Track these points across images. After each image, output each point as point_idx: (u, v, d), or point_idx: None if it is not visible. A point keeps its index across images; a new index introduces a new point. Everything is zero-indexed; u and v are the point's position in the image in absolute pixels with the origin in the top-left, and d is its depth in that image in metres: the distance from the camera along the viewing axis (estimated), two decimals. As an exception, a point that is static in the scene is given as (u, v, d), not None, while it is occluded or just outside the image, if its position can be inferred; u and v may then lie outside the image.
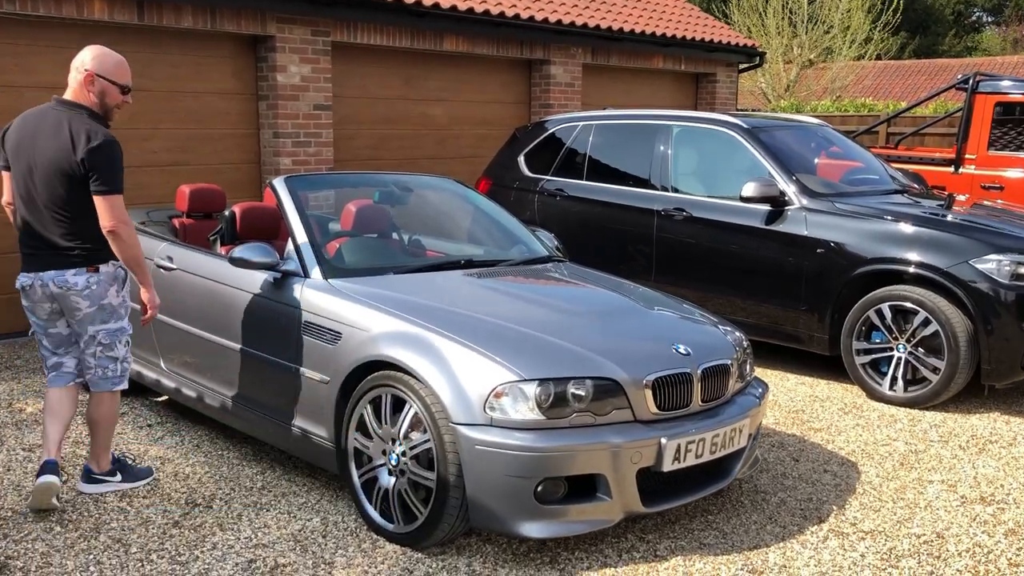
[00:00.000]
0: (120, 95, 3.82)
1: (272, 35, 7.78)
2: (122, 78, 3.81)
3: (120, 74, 3.81)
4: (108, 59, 3.79)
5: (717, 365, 3.77)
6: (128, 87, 3.85)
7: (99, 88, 3.76)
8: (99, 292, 3.79)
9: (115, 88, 3.79)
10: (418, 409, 3.46)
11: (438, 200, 5.63)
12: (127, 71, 3.85)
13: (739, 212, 6.32)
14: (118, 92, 3.81)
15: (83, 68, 3.75)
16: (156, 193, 7.44)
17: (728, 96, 12.94)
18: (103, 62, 3.77)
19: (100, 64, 3.76)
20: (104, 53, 3.81)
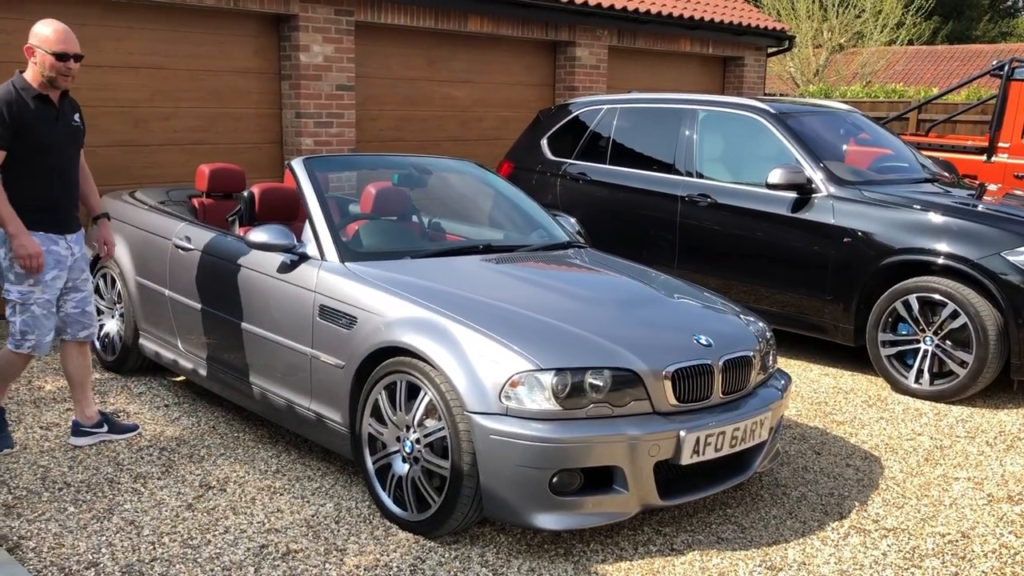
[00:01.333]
0: (55, 61, 3.90)
1: (295, 14, 7.71)
2: (54, 46, 3.89)
3: (52, 43, 3.89)
4: (44, 29, 3.92)
5: (739, 357, 3.69)
6: (66, 54, 3.92)
7: (38, 58, 3.91)
8: None
9: (49, 56, 3.88)
10: (433, 396, 3.41)
11: (458, 183, 5.56)
12: (63, 40, 3.92)
13: (765, 199, 6.21)
14: (53, 60, 3.89)
15: (29, 42, 3.93)
16: (177, 172, 7.42)
17: (756, 80, 12.75)
18: (38, 32, 3.92)
19: (39, 37, 3.91)
20: (42, 24, 3.94)
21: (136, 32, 7.10)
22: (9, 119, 3.84)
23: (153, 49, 7.20)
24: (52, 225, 4.03)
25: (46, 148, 3.98)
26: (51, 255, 4.02)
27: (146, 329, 5.17)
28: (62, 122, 4.06)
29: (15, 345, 4.07)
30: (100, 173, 6.99)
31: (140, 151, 7.23)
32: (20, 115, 3.87)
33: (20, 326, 4.03)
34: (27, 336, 4.04)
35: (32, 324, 4.03)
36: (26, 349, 4.07)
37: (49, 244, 4.02)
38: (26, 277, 3.98)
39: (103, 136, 7.01)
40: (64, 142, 4.07)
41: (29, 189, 3.94)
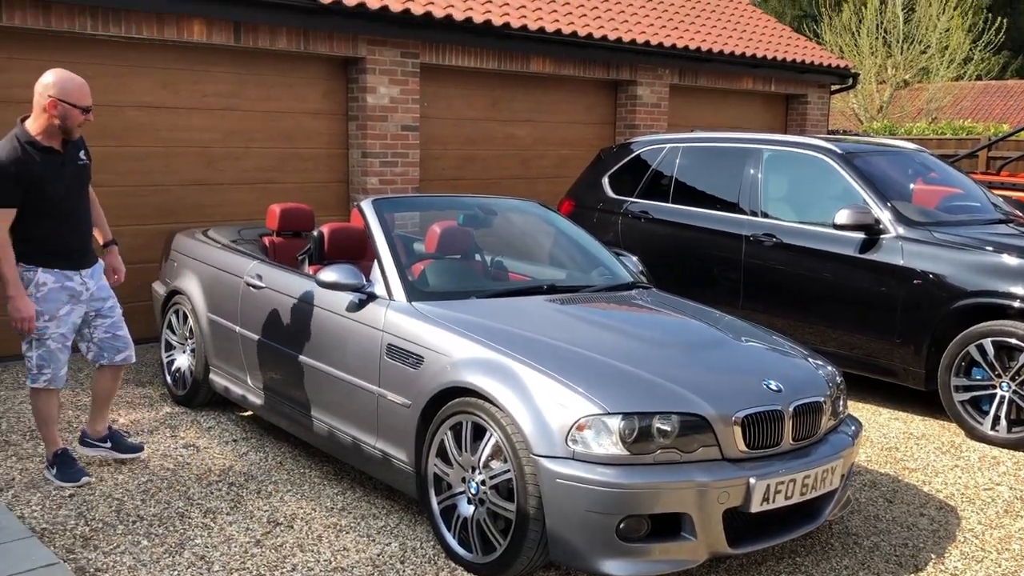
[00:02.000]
0: (81, 115, 4.07)
1: (363, 57, 7.90)
2: (82, 100, 4.06)
3: (80, 96, 4.05)
4: (69, 83, 4.03)
5: (810, 402, 3.63)
6: (88, 107, 4.09)
7: (61, 111, 4.01)
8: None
9: (76, 110, 4.05)
10: (498, 438, 3.42)
11: (521, 223, 5.60)
12: (87, 93, 4.09)
13: (831, 239, 6.13)
14: (79, 113, 4.07)
15: (46, 94, 4.00)
16: (247, 210, 7.62)
17: (819, 117, 12.64)
18: (64, 88, 4.01)
19: (61, 90, 4.01)
20: (66, 78, 4.05)
21: (210, 75, 7.33)
22: (16, 177, 3.96)
23: (226, 91, 7.43)
24: (66, 263, 4.18)
25: (54, 196, 4.09)
26: (65, 291, 4.17)
27: (216, 364, 5.28)
28: (68, 166, 4.16)
29: (32, 380, 4.20)
30: (174, 211, 7.24)
31: (212, 190, 7.44)
32: (28, 171, 3.99)
33: (36, 360, 4.17)
34: (43, 370, 4.18)
35: (48, 358, 4.17)
36: (42, 383, 4.19)
37: (64, 281, 4.17)
38: (42, 314, 4.11)
39: (177, 175, 7.24)
40: (71, 185, 4.17)
41: (41, 234, 4.09)
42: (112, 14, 6.50)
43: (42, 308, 4.11)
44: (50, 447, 4.37)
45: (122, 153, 6.95)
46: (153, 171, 7.12)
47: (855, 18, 22.97)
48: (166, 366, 5.72)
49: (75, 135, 4.14)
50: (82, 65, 6.64)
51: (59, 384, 4.25)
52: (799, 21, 29.34)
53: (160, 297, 5.88)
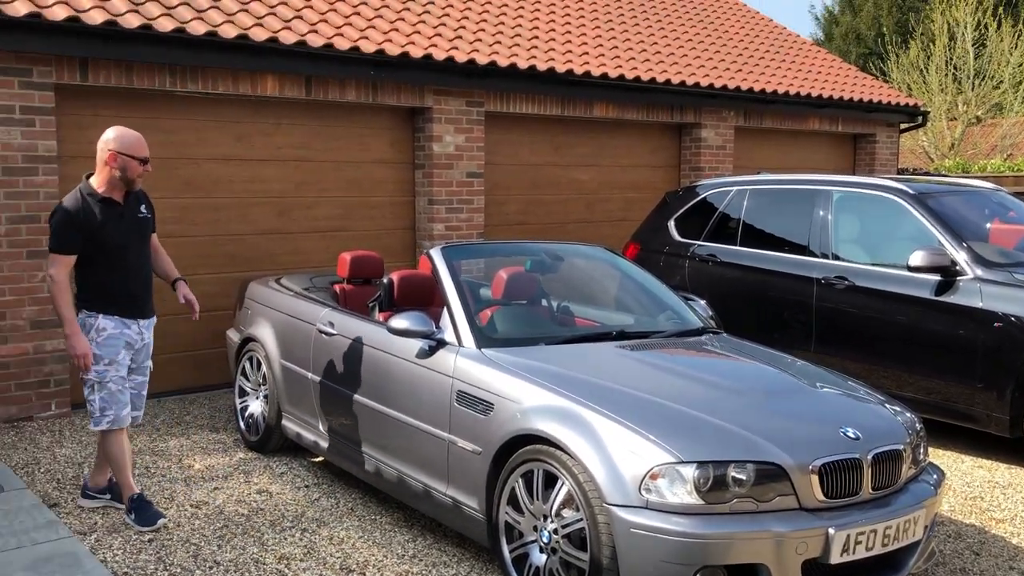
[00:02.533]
0: (140, 166, 4.32)
1: (429, 106, 8.06)
2: (139, 152, 4.32)
3: (137, 148, 4.31)
4: (127, 138, 4.31)
5: (889, 450, 3.54)
6: (146, 159, 4.35)
7: (121, 164, 4.28)
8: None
9: (134, 161, 4.30)
10: (571, 487, 3.40)
11: (588, 268, 5.61)
12: (144, 145, 4.35)
13: (906, 282, 6.00)
14: (137, 164, 4.31)
15: (107, 148, 4.29)
16: (318, 258, 7.78)
17: (889, 157, 12.44)
18: (122, 141, 4.29)
19: (121, 143, 4.28)
20: (124, 132, 4.33)
21: (283, 127, 7.56)
22: (77, 226, 4.22)
23: (298, 143, 7.65)
24: (125, 311, 4.39)
25: (114, 246, 4.32)
26: (123, 337, 4.38)
27: (289, 410, 5.37)
28: (127, 218, 4.39)
29: (95, 423, 4.37)
30: (248, 259, 7.43)
31: (285, 239, 7.62)
32: (88, 221, 4.24)
33: (99, 403, 4.34)
34: (105, 412, 4.35)
35: (109, 400, 4.35)
36: (105, 424, 4.36)
37: (122, 328, 4.38)
38: (101, 357, 4.29)
39: (252, 225, 7.44)
40: (130, 236, 4.39)
41: (103, 283, 4.32)
42: (190, 71, 6.77)
43: (102, 352, 4.31)
44: (125, 492, 4.49)
45: (201, 204, 7.18)
46: (229, 221, 7.33)
47: (923, 55, 22.64)
48: (240, 412, 5.84)
49: (136, 186, 4.38)
50: (162, 120, 6.92)
51: (122, 424, 4.40)
52: (864, 59, 29.03)
53: (234, 344, 6.02)
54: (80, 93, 6.56)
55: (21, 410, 6.25)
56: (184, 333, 7.17)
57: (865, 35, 31.31)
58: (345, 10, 8.07)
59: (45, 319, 6.29)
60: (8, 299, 6.18)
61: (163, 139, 6.94)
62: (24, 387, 6.26)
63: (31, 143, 6.19)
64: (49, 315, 6.30)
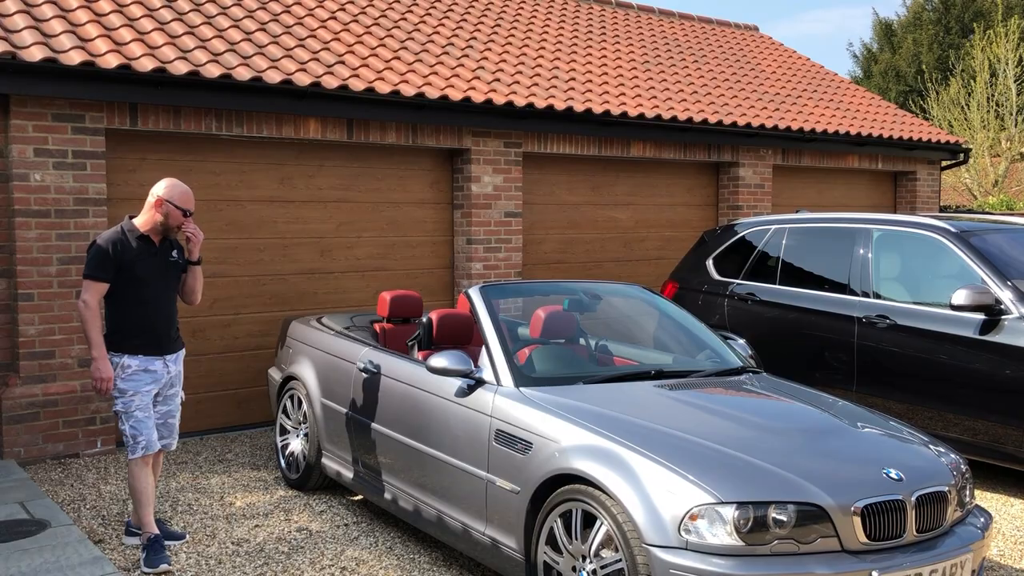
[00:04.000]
0: (181, 217, 4.61)
1: (468, 148, 8.17)
2: (184, 204, 4.61)
3: (183, 200, 4.61)
4: (176, 189, 4.61)
5: (933, 492, 3.49)
6: (189, 211, 4.63)
7: (165, 211, 4.58)
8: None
9: (178, 211, 4.59)
10: (609, 527, 3.39)
11: (626, 306, 5.62)
12: (191, 199, 4.65)
13: (949, 321, 5.92)
14: (180, 215, 4.60)
15: (155, 194, 4.60)
16: (358, 297, 7.88)
17: (930, 194, 12.33)
18: (171, 191, 4.60)
19: (169, 192, 4.59)
20: (175, 183, 4.63)
21: (325, 169, 7.71)
22: (112, 256, 4.47)
23: (340, 184, 7.79)
24: (152, 349, 4.60)
25: (143, 281, 4.55)
26: (148, 374, 4.58)
27: (329, 449, 5.42)
28: (159, 258, 4.64)
29: (132, 451, 4.54)
30: (289, 299, 7.54)
31: (326, 278, 7.74)
32: (123, 254, 4.50)
33: (130, 431, 4.53)
34: (137, 439, 4.53)
35: (139, 427, 4.53)
36: (140, 452, 4.53)
37: (147, 364, 4.58)
38: (126, 390, 4.51)
39: (294, 264, 7.57)
40: (159, 276, 4.63)
41: (130, 316, 4.55)
42: (235, 116, 6.95)
43: (127, 386, 4.53)
44: (144, 529, 4.57)
45: (245, 245, 7.33)
46: (272, 261, 7.47)
47: (964, 91, 22.48)
48: (280, 450, 5.90)
49: (173, 233, 4.68)
50: (209, 163, 7.10)
51: (153, 448, 4.57)
52: (904, 97, 28.88)
53: (276, 382, 6.10)
54: (129, 137, 6.76)
55: (68, 447, 6.38)
56: (227, 371, 7.28)
57: (905, 72, 31.18)
58: (386, 55, 8.24)
59: (93, 357, 6.43)
60: (58, 338, 6.34)
61: (208, 181, 7.11)
62: (71, 424, 6.39)
63: (82, 186, 6.38)
64: (97, 353, 6.44)
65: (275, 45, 7.55)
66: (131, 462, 4.56)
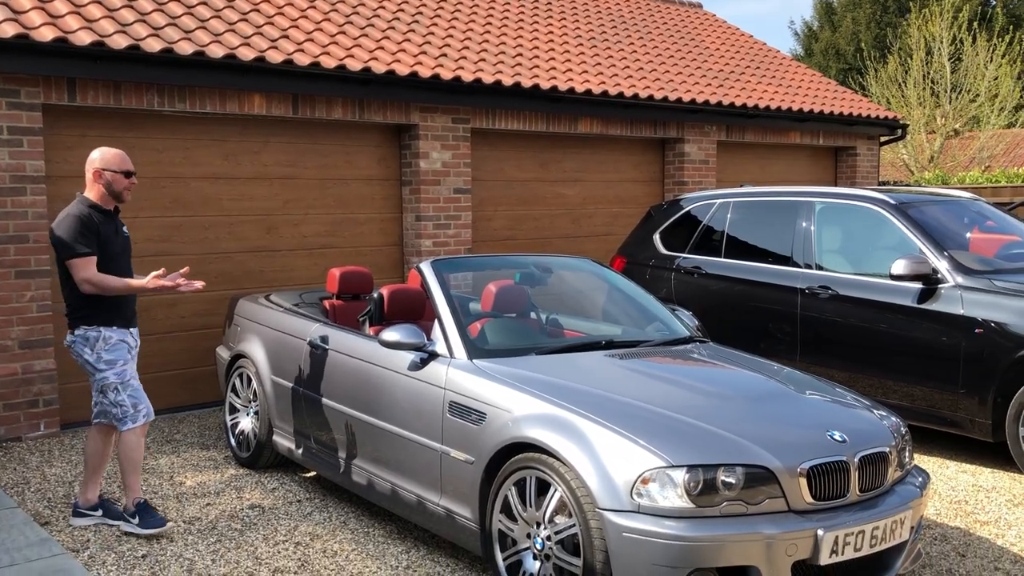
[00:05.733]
0: (125, 179, 4.55)
1: (415, 123, 8.13)
2: (122, 166, 4.55)
3: (121, 164, 4.55)
4: (108, 154, 4.55)
5: (875, 453, 3.61)
6: (130, 172, 4.57)
7: (106, 179, 4.52)
8: (76, 351, 4.53)
9: (119, 175, 4.54)
10: (563, 493, 3.44)
11: (576, 280, 5.68)
12: (126, 160, 4.59)
13: (889, 290, 6.09)
14: (123, 178, 4.55)
15: (91, 167, 4.53)
16: (306, 275, 7.81)
17: (869, 169, 12.61)
18: (105, 159, 4.53)
19: (104, 161, 4.53)
20: (106, 151, 4.57)
21: (271, 145, 7.61)
22: (92, 229, 4.42)
23: (286, 160, 7.70)
24: (123, 321, 4.58)
25: (113, 257, 4.54)
26: (125, 344, 4.58)
27: (280, 426, 5.39)
28: (120, 234, 4.63)
29: (132, 420, 4.53)
30: (236, 277, 7.45)
31: (272, 256, 7.65)
32: (97, 228, 4.46)
33: (130, 401, 4.53)
34: (138, 407, 4.55)
35: (137, 395, 4.55)
36: (142, 419, 4.55)
37: (124, 335, 4.58)
38: (115, 360, 4.48)
39: (240, 243, 7.47)
40: (123, 250, 4.64)
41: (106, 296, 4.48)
42: (178, 91, 6.82)
43: (115, 356, 4.52)
44: (131, 495, 4.61)
45: (190, 222, 7.20)
46: (218, 239, 7.36)
47: (901, 69, 22.96)
48: (230, 429, 5.85)
49: (124, 199, 4.60)
50: (151, 140, 6.96)
51: (151, 415, 4.62)
52: (844, 74, 29.39)
53: (224, 361, 6.04)
54: (68, 113, 6.59)
55: (9, 431, 6.24)
56: (173, 351, 7.18)
57: (844, 50, 31.73)
58: (331, 29, 8.14)
59: (34, 339, 6.29)
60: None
61: (151, 158, 6.97)
62: (13, 407, 6.25)
63: (19, 163, 6.21)
64: (38, 335, 6.31)
65: (217, 19, 7.41)
66: (130, 432, 4.54)
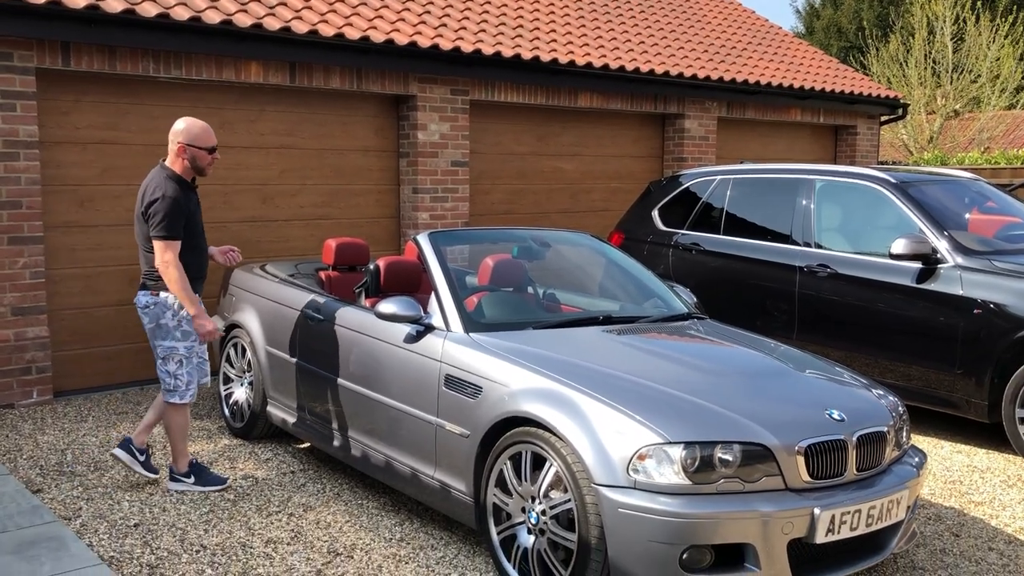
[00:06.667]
0: (208, 156, 4.59)
1: (414, 94, 8.04)
2: (207, 142, 4.58)
3: (205, 140, 4.58)
4: (194, 129, 4.57)
5: (873, 432, 3.59)
6: (213, 147, 4.62)
7: (190, 155, 4.55)
8: (154, 313, 4.56)
9: (203, 152, 4.57)
10: (559, 468, 3.42)
11: (575, 255, 5.63)
12: (211, 135, 4.62)
13: (888, 270, 6.06)
14: (206, 154, 4.59)
15: (176, 140, 4.55)
16: (302, 246, 7.76)
17: (869, 148, 12.54)
18: (190, 134, 4.55)
19: (188, 136, 4.54)
20: (191, 124, 4.58)
21: (267, 114, 7.52)
22: (183, 211, 4.48)
23: (282, 130, 7.62)
24: (199, 291, 4.68)
25: (196, 230, 4.63)
26: None
27: (274, 397, 5.36)
28: (199, 207, 4.71)
29: (180, 396, 4.62)
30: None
31: (268, 226, 7.59)
32: (187, 204, 4.53)
33: (186, 377, 4.62)
34: (190, 385, 4.64)
35: (194, 374, 4.65)
36: (189, 397, 4.64)
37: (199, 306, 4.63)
38: (191, 333, 4.56)
39: (235, 212, 7.41)
40: (201, 223, 4.73)
41: (189, 265, 4.55)
42: (174, 57, 6.72)
43: (190, 329, 4.58)
44: (183, 459, 4.74)
45: (182, 191, 7.12)
46: (212, 208, 7.28)
47: (902, 48, 22.82)
48: (224, 399, 5.82)
49: (207, 172, 4.66)
50: (146, 106, 6.87)
51: (193, 397, 4.70)
52: (845, 53, 29.20)
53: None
54: (62, 78, 6.50)
55: (2, 398, 6.21)
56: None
57: (846, 29, 31.50)
58: (329, -3, 8.04)
59: (27, 306, 6.24)
60: (-11, 285, 6.13)
61: (146, 125, 6.89)
62: (6, 374, 6.21)
63: (12, 128, 6.13)
64: (31, 302, 6.26)
65: (214, -16, 7.29)
66: (175, 405, 4.64)
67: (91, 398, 6.59)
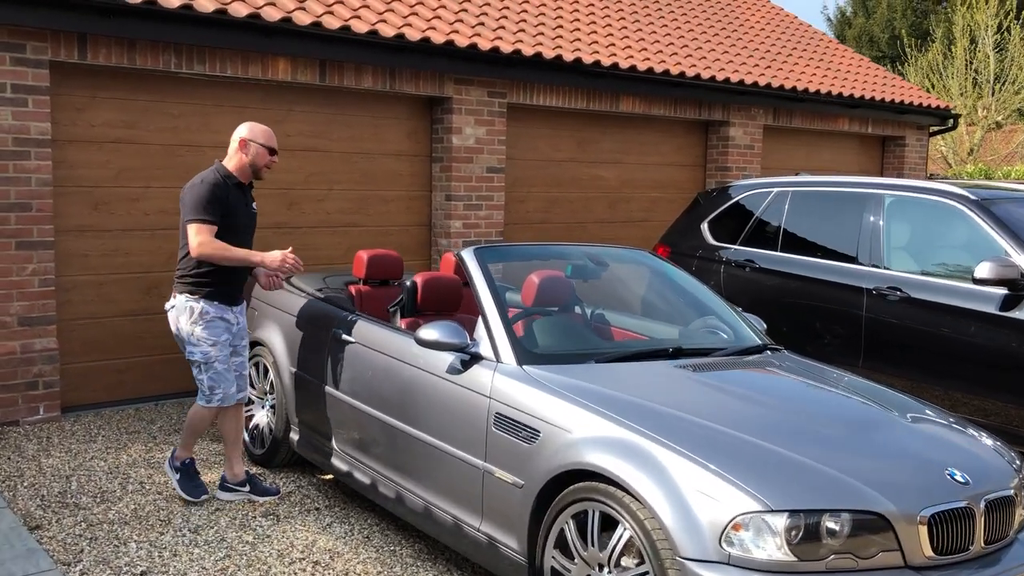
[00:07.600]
0: (268, 155, 4.54)
1: (449, 96, 7.58)
2: (269, 142, 4.55)
3: (268, 139, 4.55)
4: (257, 128, 4.56)
5: (1001, 497, 3.07)
6: (274, 149, 4.57)
7: (251, 151, 4.49)
8: (173, 317, 4.51)
9: (264, 150, 4.52)
10: (634, 533, 2.93)
11: (631, 275, 5.13)
12: (272, 137, 4.59)
13: (969, 295, 5.53)
14: (267, 153, 4.54)
15: (239, 136, 4.51)
16: (328, 254, 7.31)
17: (917, 161, 11.98)
18: (254, 131, 4.53)
19: (252, 132, 4.52)
20: (256, 124, 4.58)
21: (294, 115, 7.07)
22: (220, 200, 4.36)
23: (309, 131, 7.16)
24: (225, 298, 4.49)
25: (236, 229, 4.46)
26: (223, 323, 4.48)
27: (298, 423, 4.90)
28: (248, 208, 4.59)
29: (206, 400, 4.50)
30: (254, 256, 6.92)
31: (293, 232, 7.14)
32: (226, 198, 4.39)
33: (208, 382, 4.47)
34: (215, 391, 4.48)
35: (217, 379, 4.46)
36: (215, 403, 4.49)
37: (223, 312, 4.48)
38: (206, 339, 4.40)
39: (259, 218, 6.90)
40: (247, 227, 4.58)
41: (215, 269, 4.41)
42: (196, 52, 6.29)
43: (207, 334, 4.42)
44: (183, 452, 4.65)
45: (203, 195, 6.68)
46: (233, 214, 6.84)
47: (941, 58, 22.18)
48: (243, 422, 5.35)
49: (263, 175, 4.60)
50: (167, 104, 6.44)
51: (230, 402, 4.54)
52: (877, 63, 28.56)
53: (239, 348, 5.53)
54: (78, 72, 6.07)
55: (6, 414, 5.77)
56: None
57: (878, 38, 30.84)
58: (362, -9, 7.59)
59: (35, 315, 5.81)
60: (-6, 294, 5.70)
61: (167, 124, 6.45)
62: (10, 389, 5.78)
63: (23, 124, 5.70)
64: (39, 311, 5.83)
65: (241, -25, 6.85)
66: (202, 407, 4.51)
67: (101, 414, 6.15)
